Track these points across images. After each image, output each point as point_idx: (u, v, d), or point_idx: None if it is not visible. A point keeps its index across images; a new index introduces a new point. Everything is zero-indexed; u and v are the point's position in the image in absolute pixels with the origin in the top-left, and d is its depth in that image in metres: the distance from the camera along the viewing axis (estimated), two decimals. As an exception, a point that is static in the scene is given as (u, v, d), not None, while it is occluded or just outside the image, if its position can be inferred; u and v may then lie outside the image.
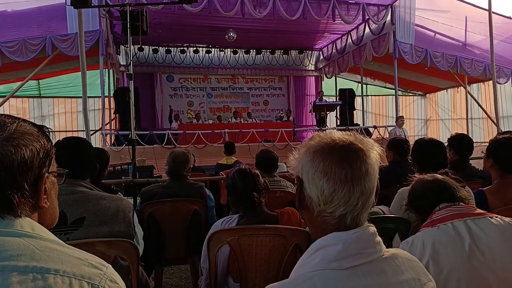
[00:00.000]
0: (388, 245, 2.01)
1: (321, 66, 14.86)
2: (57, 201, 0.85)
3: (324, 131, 0.90)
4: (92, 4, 4.45)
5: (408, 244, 1.30)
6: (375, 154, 0.84)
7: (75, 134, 11.36)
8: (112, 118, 11.31)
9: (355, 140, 0.83)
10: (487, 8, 8.23)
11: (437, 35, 10.69)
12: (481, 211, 1.36)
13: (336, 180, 0.79)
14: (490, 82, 9.35)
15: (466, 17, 10.27)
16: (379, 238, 0.82)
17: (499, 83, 10.15)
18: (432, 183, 1.46)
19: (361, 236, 0.79)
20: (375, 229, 0.82)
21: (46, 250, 0.69)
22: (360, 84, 13.20)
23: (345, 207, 0.79)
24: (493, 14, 8.24)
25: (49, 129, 0.84)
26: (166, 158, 2.80)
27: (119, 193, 2.59)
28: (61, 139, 1.74)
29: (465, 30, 10.54)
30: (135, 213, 1.78)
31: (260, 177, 1.80)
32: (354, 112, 12.27)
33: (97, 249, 1.50)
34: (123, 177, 5.88)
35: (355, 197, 0.79)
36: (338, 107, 11.85)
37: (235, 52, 13.73)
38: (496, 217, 1.31)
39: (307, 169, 0.82)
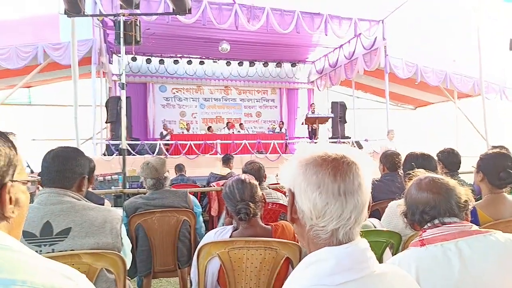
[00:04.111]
0: (379, 259, 2.00)
1: (313, 79, 15.01)
2: (27, 210, 0.82)
3: (316, 144, 0.89)
4: (86, 13, 4.44)
5: (395, 265, 1.15)
6: (369, 168, 0.83)
7: (65, 143, 11.19)
8: (103, 127, 11.22)
9: (348, 153, 0.82)
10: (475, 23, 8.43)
11: (427, 50, 10.91)
12: (477, 228, 1.23)
13: (329, 193, 0.77)
14: (479, 97, 9.51)
15: (455, 32, 10.50)
16: (371, 253, 0.81)
17: (488, 99, 10.33)
18: (431, 193, 1.28)
19: (353, 251, 0.78)
20: (368, 244, 0.81)
21: (12, 261, 0.66)
22: (351, 97, 13.33)
23: (337, 221, 0.78)
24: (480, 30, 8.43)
25: (14, 135, 0.80)
26: (143, 171, 2.66)
27: (105, 200, 2.54)
28: (53, 148, 1.71)
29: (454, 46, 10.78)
30: (123, 225, 1.75)
31: (259, 189, 1.78)
32: (346, 124, 12.36)
33: (83, 261, 1.47)
34: (113, 187, 5.82)
35: (348, 211, 0.78)
36: (330, 120, 11.94)
37: (228, 64, 13.81)
38: (494, 233, 1.20)
39: (299, 182, 0.81)
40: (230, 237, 1.72)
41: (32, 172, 5.30)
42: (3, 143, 0.75)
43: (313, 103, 13.29)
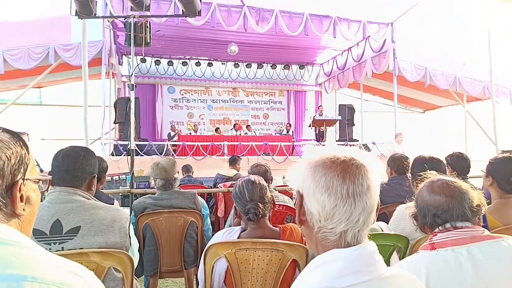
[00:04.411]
0: (386, 262, 1.98)
1: (321, 82, 14.98)
2: (38, 208, 0.84)
3: (324, 146, 0.89)
4: (97, 15, 4.49)
5: (403, 268, 1.15)
6: (377, 170, 0.83)
7: (74, 143, 11.31)
8: (111, 127, 11.32)
9: (357, 155, 0.83)
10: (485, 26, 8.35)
11: (436, 53, 10.83)
12: (489, 233, 1.22)
13: (338, 195, 0.78)
14: (489, 101, 9.41)
15: (464, 35, 10.41)
16: (379, 256, 0.80)
17: (497, 103, 10.21)
18: (444, 196, 1.25)
19: (362, 253, 0.78)
20: (376, 247, 0.81)
21: (23, 257, 0.67)
22: (359, 100, 13.28)
23: (346, 223, 0.78)
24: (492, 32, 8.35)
25: (27, 135, 0.83)
26: (153, 172, 2.68)
27: (115, 200, 2.57)
28: (63, 147, 1.73)
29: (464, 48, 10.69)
30: (131, 224, 1.76)
31: (268, 190, 1.78)
32: (354, 127, 12.31)
33: (91, 260, 1.48)
34: (120, 187, 5.86)
35: (357, 213, 0.78)
36: (337, 122, 11.90)
37: (236, 66, 13.86)
38: (507, 239, 1.18)
39: (308, 184, 0.81)
40: (238, 237, 1.72)
41: (42, 171, 5.36)
42: (14, 142, 0.77)
43: (320, 105, 13.26)
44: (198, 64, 13.52)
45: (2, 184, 0.73)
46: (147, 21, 4.24)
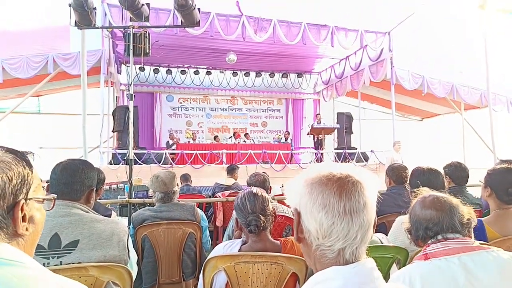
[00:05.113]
0: (386, 274, 1.98)
1: (319, 90, 15.04)
2: (42, 227, 0.84)
3: (321, 163, 0.89)
4: (96, 26, 4.52)
5: (400, 278, 1.21)
6: (373, 186, 0.83)
7: (73, 151, 11.30)
8: (110, 136, 11.31)
9: (352, 172, 0.83)
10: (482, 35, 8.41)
11: (434, 60, 10.90)
12: (479, 244, 1.28)
13: (335, 212, 0.78)
14: (487, 109, 9.45)
15: (462, 43, 10.50)
16: (378, 273, 0.81)
17: (495, 111, 10.27)
18: (434, 210, 1.34)
19: (361, 270, 0.78)
20: (375, 264, 0.81)
21: (24, 278, 0.67)
22: (358, 108, 13.33)
23: (344, 241, 0.78)
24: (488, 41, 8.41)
25: (32, 154, 0.83)
26: (152, 184, 2.67)
27: (112, 212, 2.56)
28: (62, 160, 1.73)
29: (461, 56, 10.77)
30: (130, 237, 1.76)
31: (270, 203, 1.78)
32: (352, 135, 12.33)
33: (90, 274, 1.47)
34: (118, 196, 5.84)
35: (354, 230, 0.78)
36: (336, 130, 11.93)
37: (235, 74, 13.92)
38: (497, 250, 1.24)
39: (305, 202, 0.82)
40: (239, 251, 1.72)
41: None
42: (16, 162, 0.77)
43: (318, 114, 13.30)
44: (196, 72, 13.58)
45: (3, 205, 0.73)
46: (146, 32, 4.26)
